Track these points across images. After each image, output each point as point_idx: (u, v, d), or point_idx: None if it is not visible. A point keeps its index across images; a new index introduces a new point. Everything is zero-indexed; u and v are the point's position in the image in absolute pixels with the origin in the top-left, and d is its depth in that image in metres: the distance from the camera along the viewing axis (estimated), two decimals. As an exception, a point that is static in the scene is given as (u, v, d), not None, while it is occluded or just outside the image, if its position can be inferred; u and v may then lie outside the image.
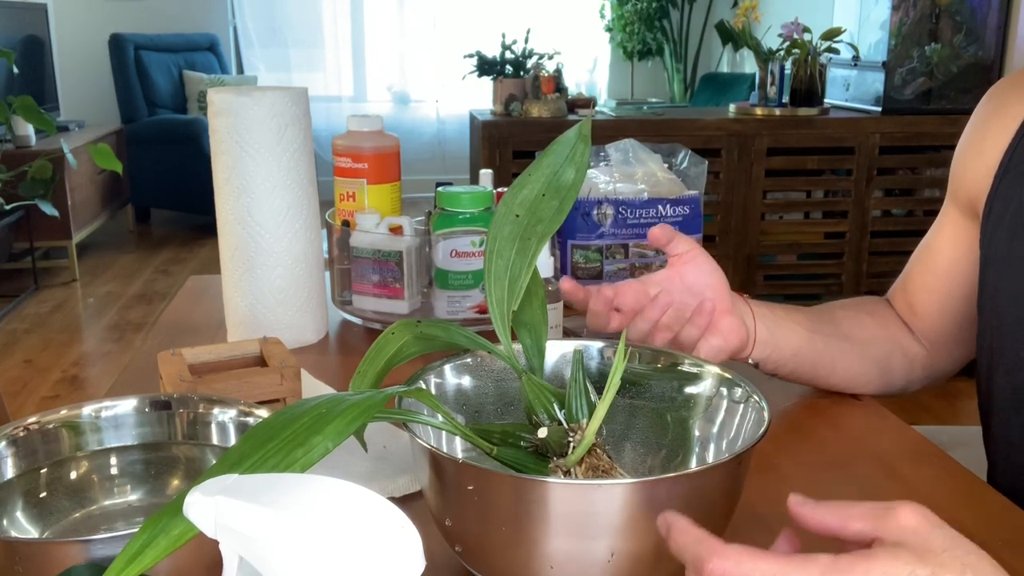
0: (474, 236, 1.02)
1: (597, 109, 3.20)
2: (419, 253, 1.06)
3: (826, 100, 3.04)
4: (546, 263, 0.96)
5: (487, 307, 0.62)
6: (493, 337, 0.63)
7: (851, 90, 3.19)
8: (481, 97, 3.40)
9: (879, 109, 2.99)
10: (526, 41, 3.12)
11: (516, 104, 2.93)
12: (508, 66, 3.09)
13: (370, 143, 1.09)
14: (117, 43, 4.95)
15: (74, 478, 0.64)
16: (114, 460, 0.65)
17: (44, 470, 0.63)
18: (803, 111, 2.97)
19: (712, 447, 0.63)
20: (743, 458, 0.54)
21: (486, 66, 3.12)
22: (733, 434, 0.62)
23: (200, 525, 0.39)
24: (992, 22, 2.93)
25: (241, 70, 5.78)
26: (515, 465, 0.58)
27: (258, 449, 0.46)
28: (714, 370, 0.65)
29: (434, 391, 0.64)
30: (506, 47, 3.11)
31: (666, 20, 5.52)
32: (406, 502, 0.68)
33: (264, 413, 0.65)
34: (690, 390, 0.65)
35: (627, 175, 1.13)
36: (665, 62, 5.61)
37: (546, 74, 2.93)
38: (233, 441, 0.65)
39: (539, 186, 0.64)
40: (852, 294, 1.04)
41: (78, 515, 0.62)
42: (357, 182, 1.09)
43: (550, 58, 3.11)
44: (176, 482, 0.66)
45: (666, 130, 2.88)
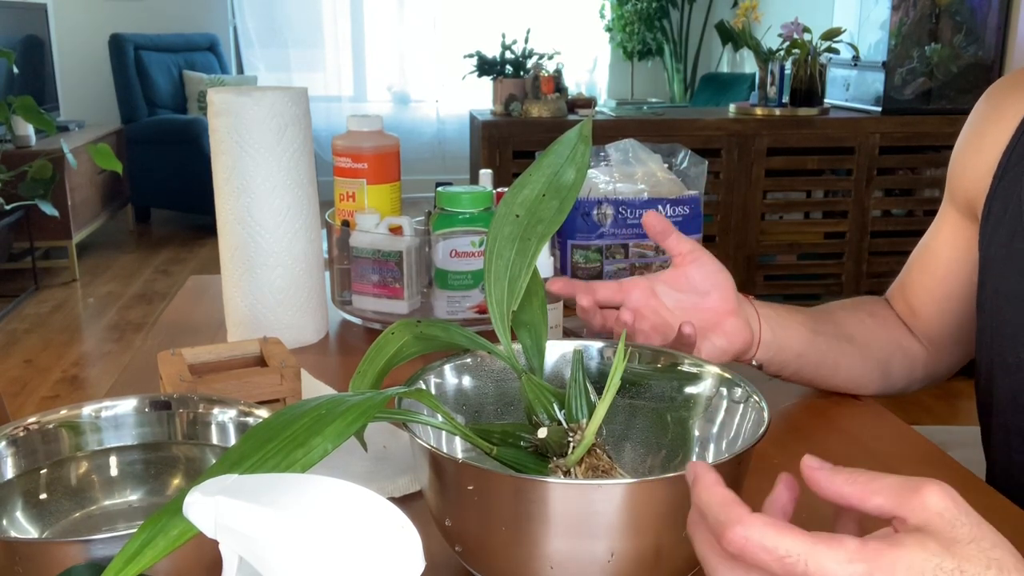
0: (474, 236, 1.02)
1: (597, 109, 3.20)
2: (419, 253, 1.06)
3: (826, 100, 3.04)
4: (546, 263, 0.96)
5: (487, 307, 0.62)
6: (493, 337, 0.63)
7: (851, 90, 3.19)
8: (481, 97, 3.40)
9: (879, 109, 2.99)
10: (526, 41, 3.12)
11: (516, 104, 2.93)
12: (508, 66, 3.09)
13: (370, 143, 1.09)
14: (117, 43, 4.95)
15: (74, 478, 0.64)
16: (114, 460, 0.65)
17: (44, 470, 0.63)
18: (803, 111, 2.97)
19: (712, 447, 0.63)
20: (743, 458, 0.54)
21: (486, 66, 3.12)
22: (733, 434, 0.62)
23: (200, 525, 0.39)
24: (992, 22, 2.93)
25: (241, 70, 5.78)
26: (515, 465, 0.57)
27: (258, 449, 0.46)
28: (714, 370, 0.65)
29: (434, 391, 0.64)
30: (506, 47, 3.11)
31: (666, 20, 5.52)
32: (406, 502, 0.68)
33: (264, 413, 0.65)
34: (690, 390, 0.65)
35: (627, 175, 1.13)
36: (665, 62, 5.61)
37: (546, 74, 2.93)
38: (233, 441, 0.65)
39: (539, 186, 0.64)
40: (852, 294, 1.04)
41: (78, 515, 0.62)
42: (357, 182, 1.09)
43: (550, 58, 3.11)
44: (176, 482, 0.66)
45: (666, 130, 2.88)
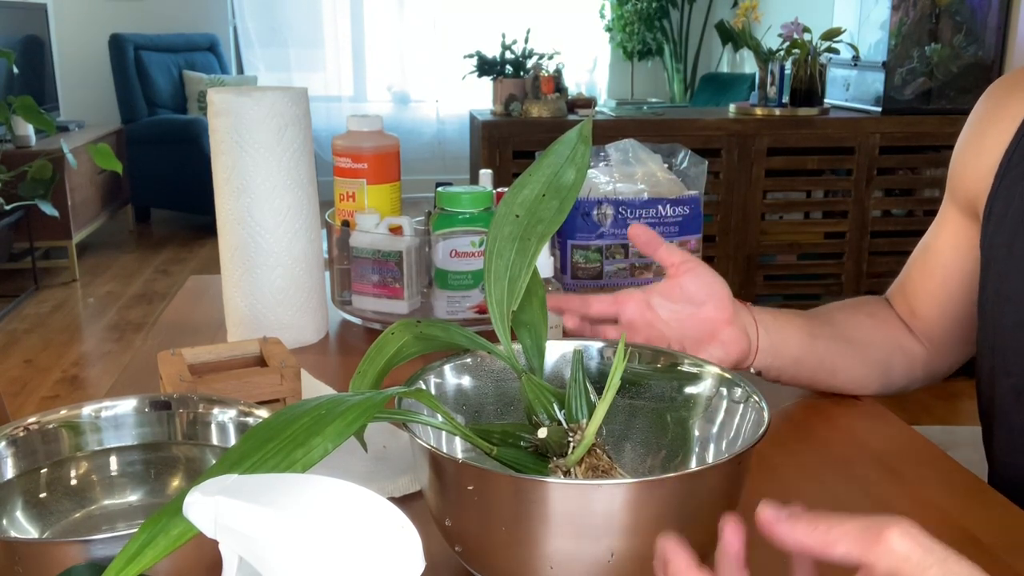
0: (474, 236, 1.02)
1: (597, 109, 3.20)
2: (419, 253, 1.06)
3: (826, 100, 3.04)
4: (546, 263, 0.96)
5: (487, 307, 0.62)
6: (493, 337, 0.63)
7: (851, 90, 3.19)
8: (481, 97, 3.40)
9: (879, 109, 2.98)
10: (526, 41, 3.12)
11: (516, 104, 2.93)
12: (508, 66, 3.09)
13: (370, 143, 1.09)
14: (117, 43, 4.95)
15: (74, 478, 0.64)
16: (114, 460, 0.65)
17: (44, 470, 0.63)
18: (803, 111, 2.97)
19: (712, 447, 0.63)
20: (743, 458, 0.54)
21: (486, 66, 3.11)
22: (733, 434, 0.62)
23: (200, 525, 0.39)
24: (992, 22, 2.93)
25: (241, 70, 5.78)
26: (515, 465, 0.58)
27: (258, 449, 0.46)
28: (714, 370, 0.65)
29: (434, 391, 0.64)
30: (506, 47, 3.10)
31: (666, 20, 5.52)
32: (406, 502, 0.68)
33: (264, 413, 0.65)
34: (690, 390, 0.65)
35: (627, 175, 1.13)
36: (665, 62, 5.61)
37: (546, 74, 2.93)
38: (233, 441, 0.65)
39: (539, 186, 0.64)
40: (852, 294, 1.04)
41: (78, 515, 0.62)
42: (357, 182, 1.09)
43: (550, 58, 3.11)
44: (176, 482, 0.66)
45: (666, 130, 2.88)
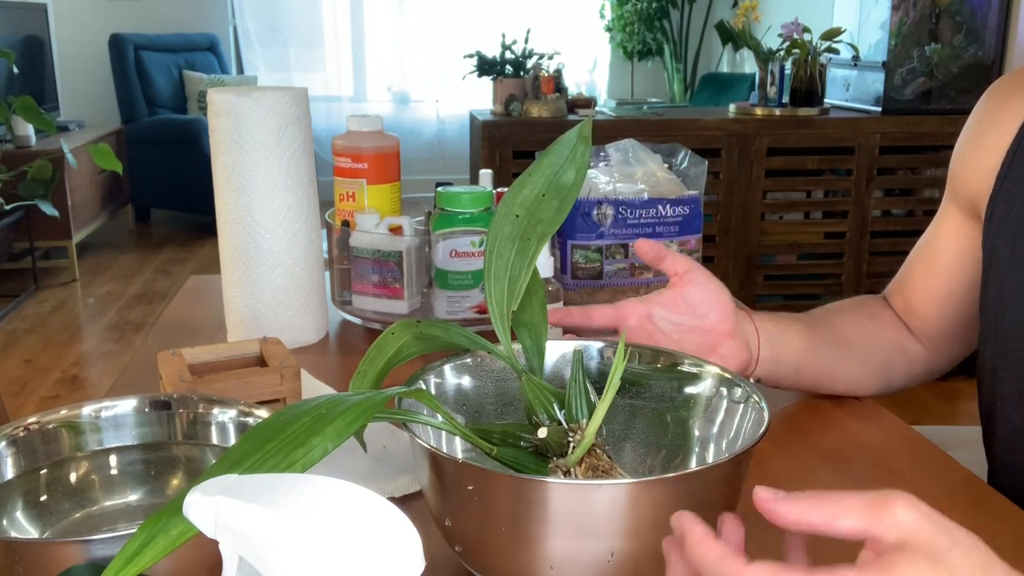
0: (474, 236, 1.02)
1: (597, 109, 3.19)
2: (419, 253, 1.06)
3: (826, 100, 3.04)
4: (546, 263, 0.96)
5: (487, 307, 0.62)
6: (493, 337, 0.63)
7: (851, 90, 3.19)
8: (481, 97, 3.40)
9: (879, 109, 2.98)
10: (526, 41, 3.12)
11: (516, 104, 2.93)
12: (508, 66, 3.09)
13: (370, 143, 1.09)
14: (117, 43, 4.95)
15: (74, 478, 0.64)
16: (114, 460, 0.65)
17: (44, 470, 0.63)
18: (803, 111, 2.97)
19: (712, 447, 0.63)
20: (743, 458, 0.54)
21: (486, 66, 3.11)
22: (733, 434, 0.62)
23: (200, 525, 0.39)
24: (992, 22, 2.93)
25: (241, 70, 5.78)
26: (515, 465, 0.58)
27: (258, 449, 0.46)
28: (714, 370, 0.65)
29: (434, 391, 0.64)
30: (506, 47, 3.10)
31: (666, 20, 5.52)
32: (406, 502, 0.68)
33: (264, 413, 0.65)
34: (690, 390, 0.65)
35: (627, 175, 1.13)
36: (665, 62, 5.61)
37: (546, 74, 2.93)
38: (233, 441, 0.65)
39: (539, 186, 0.64)
40: (852, 294, 1.04)
41: (78, 515, 0.62)
42: (357, 182, 1.09)
43: (550, 58, 3.11)
44: (176, 482, 0.66)
45: (666, 130, 2.88)
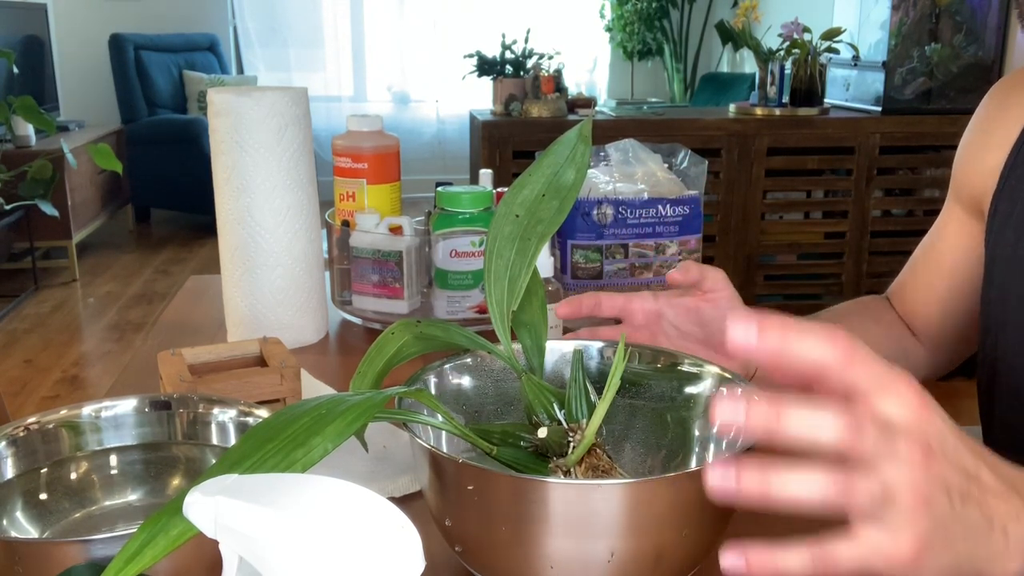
0: (474, 236, 1.02)
1: (597, 109, 3.19)
2: (419, 253, 1.06)
3: (826, 100, 3.04)
4: (546, 263, 0.96)
5: (487, 307, 0.62)
6: (493, 337, 0.63)
7: (851, 90, 3.19)
8: (481, 97, 3.40)
9: (879, 109, 2.98)
10: (526, 41, 3.12)
11: (516, 104, 2.93)
12: (508, 66, 3.09)
13: (370, 143, 1.09)
14: (117, 43, 4.95)
15: (74, 478, 0.64)
16: (114, 460, 0.65)
17: (44, 470, 0.63)
18: (803, 111, 2.97)
19: (712, 447, 0.63)
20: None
21: (486, 66, 3.11)
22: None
23: (200, 525, 0.39)
24: (992, 22, 2.93)
25: (241, 70, 5.78)
26: (515, 465, 0.58)
27: (258, 449, 0.46)
28: (714, 370, 0.65)
29: (434, 391, 0.64)
30: (506, 47, 3.10)
31: (666, 20, 5.52)
32: (406, 502, 0.68)
33: (264, 413, 0.65)
34: (690, 390, 0.65)
35: (627, 175, 1.13)
36: (665, 62, 5.61)
37: (546, 74, 2.93)
38: (233, 441, 0.65)
39: (539, 186, 0.64)
40: (852, 294, 1.04)
41: (78, 515, 0.62)
42: (357, 182, 1.09)
43: (550, 58, 3.11)
44: (176, 482, 0.66)
45: (666, 130, 2.88)
